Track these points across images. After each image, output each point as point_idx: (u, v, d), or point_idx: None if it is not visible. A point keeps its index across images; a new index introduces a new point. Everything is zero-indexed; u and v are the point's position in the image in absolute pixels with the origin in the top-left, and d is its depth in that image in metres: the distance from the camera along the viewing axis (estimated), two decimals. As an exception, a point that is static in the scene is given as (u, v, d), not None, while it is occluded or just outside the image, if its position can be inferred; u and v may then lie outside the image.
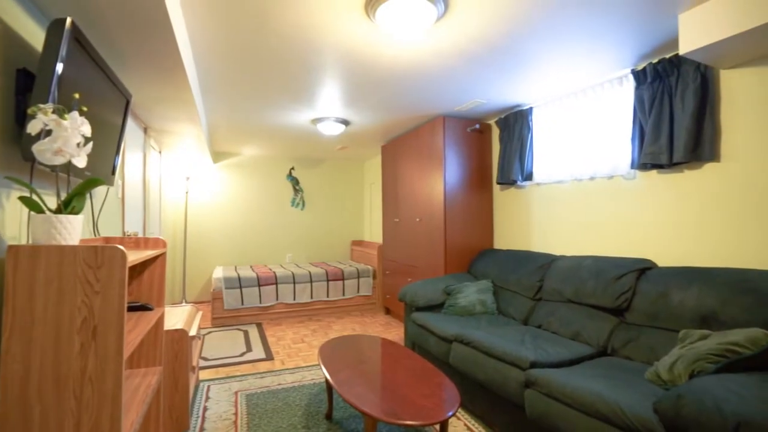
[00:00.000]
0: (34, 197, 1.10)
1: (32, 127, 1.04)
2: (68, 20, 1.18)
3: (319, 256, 5.98)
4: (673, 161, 2.11)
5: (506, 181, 3.29)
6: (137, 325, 1.39)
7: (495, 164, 3.61)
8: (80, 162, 1.13)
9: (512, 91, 2.88)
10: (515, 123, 3.23)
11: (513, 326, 2.49)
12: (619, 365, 1.84)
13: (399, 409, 1.53)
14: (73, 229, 1.10)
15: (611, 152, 2.53)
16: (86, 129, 1.13)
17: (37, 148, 1.04)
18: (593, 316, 2.23)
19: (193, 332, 2.24)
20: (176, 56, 1.89)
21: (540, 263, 2.76)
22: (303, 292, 4.56)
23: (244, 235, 5.54)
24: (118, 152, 1.87)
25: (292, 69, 2.46)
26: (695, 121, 2.00)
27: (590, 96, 2.67)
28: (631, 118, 2.38)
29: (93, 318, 1.03)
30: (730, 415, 1.08)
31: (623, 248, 2.46)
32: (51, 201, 1.51)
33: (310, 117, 3.61)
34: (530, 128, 3.12)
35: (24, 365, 0.99)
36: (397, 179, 4.26)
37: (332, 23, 1.89)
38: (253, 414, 2.22)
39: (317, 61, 2.33)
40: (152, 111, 2.90)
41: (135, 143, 3.20)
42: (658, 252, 2.27)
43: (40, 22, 1.46)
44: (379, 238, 5.57)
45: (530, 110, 3.12)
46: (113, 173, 1.84)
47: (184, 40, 1.94)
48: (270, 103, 3.16)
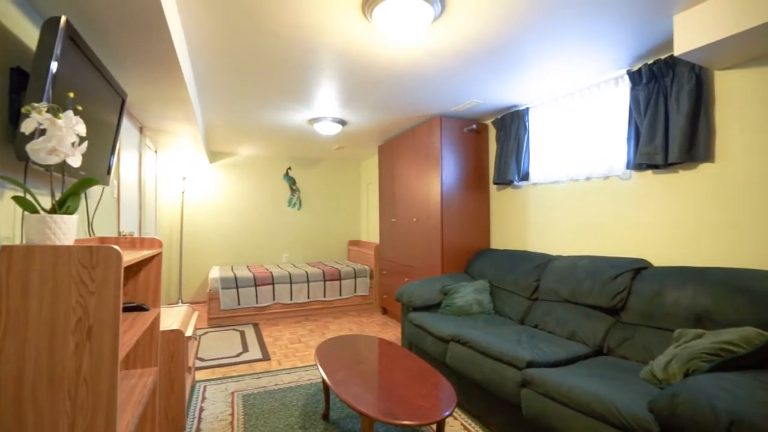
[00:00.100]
0: (28, 197, 1.10)
1: (26, 126, 1.03)
2: (63, 19, 1.18)
3: (316, 256, 5.97)
4: (668, 161, 2.13)
5: (503, 181, 3.31)
6: (133, 325, 1.38)
7: (492, 164, 3.62)
8: (75, 161, 1.12)
9: (509, 92, 2.89)
10: (512, 123, 3.24)
11: (510, 326, 2.50)
12: (614, 364, 1.85)
13: (396, 409, 1.53)
14: (67, 229, 1.09)
15: (607, 153, 2.54)
16: (81, 128, 1.12)
17: (31, 147, 1.03)
18: (589, 316, 2.24)
19: (189, 333, 2.23)
20: (172, 55, 1.88)
21: (536, 263, 2.77)
22: (300, 292, 4.55)
23: (241, 235, 5.52)
24: (113, 152, 1.86)
25: (288, 69, 2.45)
26: (690, 121, 2.02)
27: (586, 96, 2.68)
28: (626, 119, 2.39)
29: (88, 318, 1.02)
30: (723, 414, 1.09)
31: (619, 248, 2.48)
32: (45, 201, 1.50)
33: (306, 117, 3.60)
34: (527, 128, 3.13)
35: (18, 366, 0.98)
36: (394, 179, 4.27)
37: (329, 23, 1.89)
38: (250, 414, 2.22)
39: (314, 60, 2.33)
40: (148, 110, 2.88)
41: (131, 143, 3.19)
42: (653, 252, 2.28)
43: (34, 20, 1.45)
44: (376, 238, 5.57)
45: (527, 111, 3.13)
46: (108, 173, 1.83)
47: (180, 38, 1.93)
48: (267, 102, 3.15)
